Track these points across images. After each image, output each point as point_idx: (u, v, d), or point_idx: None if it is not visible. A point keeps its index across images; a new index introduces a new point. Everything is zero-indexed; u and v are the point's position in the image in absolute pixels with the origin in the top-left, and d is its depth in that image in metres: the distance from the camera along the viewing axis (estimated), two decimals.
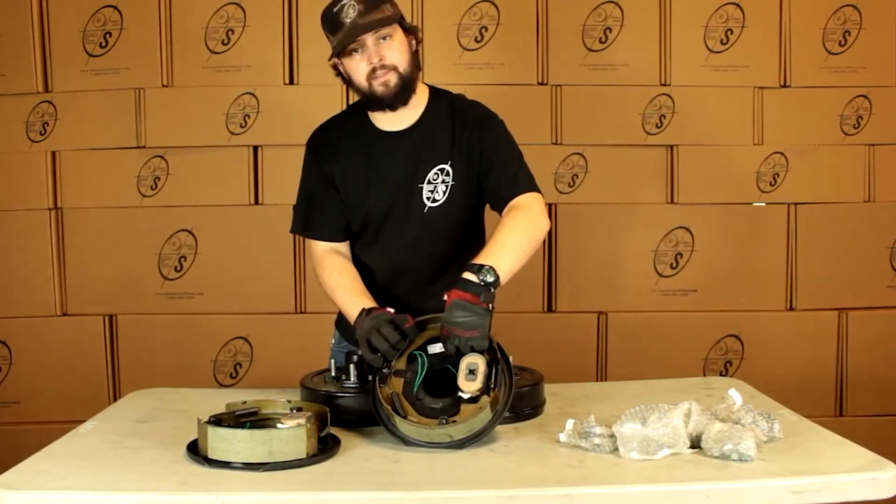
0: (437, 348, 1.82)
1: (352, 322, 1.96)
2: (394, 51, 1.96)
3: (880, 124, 3.05)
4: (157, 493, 1.52)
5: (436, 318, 1.84)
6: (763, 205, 3.06)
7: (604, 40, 3.01)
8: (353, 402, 1.88)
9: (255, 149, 3.00)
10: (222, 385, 3.00)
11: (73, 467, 1.64)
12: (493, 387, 1.74)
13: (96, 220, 3.00)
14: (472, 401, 1.74)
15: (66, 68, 2.97)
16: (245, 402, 1.82)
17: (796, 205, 3.05)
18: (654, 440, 1.65)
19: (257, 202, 3.01)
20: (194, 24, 2.95)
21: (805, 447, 1.71)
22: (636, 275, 3.04)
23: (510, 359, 1.79)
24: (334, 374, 1.99)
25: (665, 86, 3.02)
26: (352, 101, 2.93)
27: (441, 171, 2.04)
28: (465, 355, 1.75)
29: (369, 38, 1.93)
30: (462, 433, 1.72)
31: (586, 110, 3.00)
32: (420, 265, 2.10)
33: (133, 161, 2.99)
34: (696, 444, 1.68)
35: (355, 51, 1.96)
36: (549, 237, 3.02)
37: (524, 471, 1.61)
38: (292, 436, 1.64)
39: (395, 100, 1.99)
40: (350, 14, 1.91)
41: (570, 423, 1.76)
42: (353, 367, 1.97)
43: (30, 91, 2.97)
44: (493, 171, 2.02)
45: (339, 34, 1.93)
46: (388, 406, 1.77)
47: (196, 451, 1.69)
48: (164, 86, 2.97)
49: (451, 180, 2.03)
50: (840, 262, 3.06)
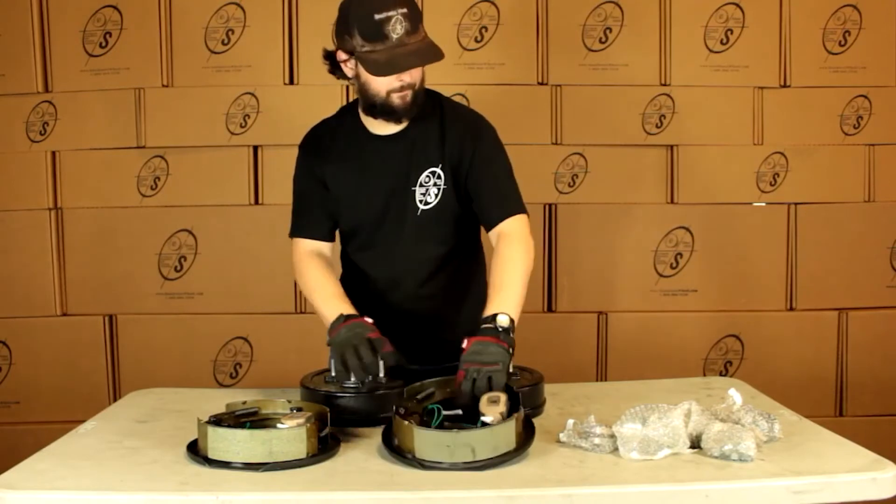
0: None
1: (327, 326, 1.96)
2: (420, 70, 1.97)
3: (880, 124, 3.05)
4: (157, 493, 1.52)
5: (448, 379, 1.82)
6: (763, 205, 3.06)
7: (604, 40, 3.01)
8: (353, 402, 1.88)
9: (255, 149, 3.00)
10: (222, 385, 3.00)
11: (73, 467, 1.64)
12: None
13: (96, 220, 3.00)
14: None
15: (66, 68, 2.97)
16: (245, 403, 1.82)
17: (796, 205, 3.05)
18: (653, 440, 1.65)
19: (257, 202, 3.01)
20: (194, 24, 2.95)
21: (805, 447, 1.71)
22: (636, 275, 3.04)
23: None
24: (334, 374, 1.99)
25: (665, 86, 3.02)
26: (352, 100, 2.96)
27: (433, 174, 2.03)
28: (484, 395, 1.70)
29: None
30: (486, 451, 1.61)
31: (586, 110, 3.00)
32: (416, 267, 2.10)
33: (133, 161, 2.99)
34: (696, 444, 1.68)
35: None
36: (549, 237, 3.03)
37: (524, 471, 1.61)
38: (292, 436, 1.63)
39: (409, 114, 1.99)
40: (398, 30, 1.85)
41: (570, 423, 1.76)
42: None
43: (30, 91, 2.97)
44: (483, 185, 2.02)
45: (380, 46, 1.87)
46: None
47: (196, 451, 1.68)
48: (164, 86, 2.97)
49: (444, 183, 2.03)
50: (840, 262, 3.06)
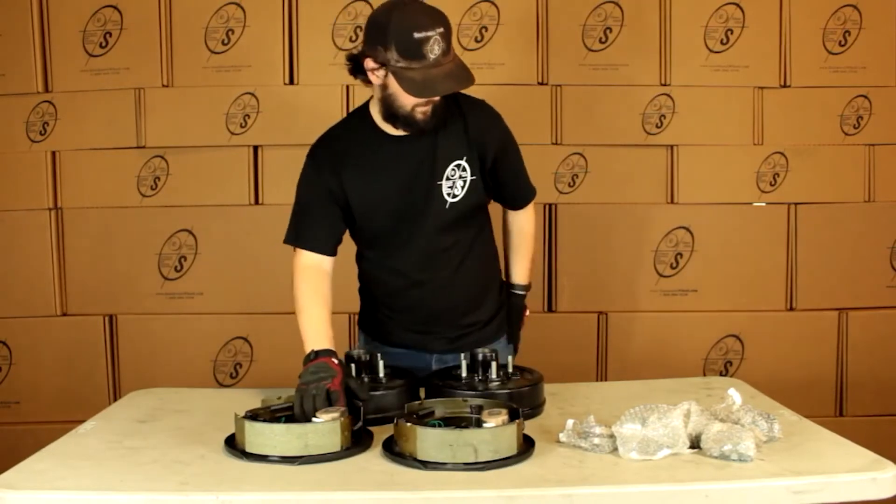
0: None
1: (305, 348, 1.95)
2: None
3: (880, 124, 3.05)
4: (157, 493, 1.53)
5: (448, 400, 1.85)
6: (763, 205, 3.06)
7: (604, 40, 3.01)
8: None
9: (255, 149, 3.00)
10: (222, 385, 3.00)
11: (73, 467, 1.64)
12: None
13: (96, 220, 3.00)
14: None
15: (66, 68, 2.96)
16: (280, 398, 1.85)
17: (796, 205, 3.05)
18: (653, 440, 1.65)
19: (257, 202, 3.01)
20: (194, 24, 2.95)
21: (805, 447, 1.71)
22: (636, 275, 3.04)
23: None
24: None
25: (665, 86, 3.02)
26: (352, 104, 2.96)
27: (458, 166, 2.05)
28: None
29: None
30: (488, 452, 1.62)
31: (586, 110, 3.00)
32: (447, 259, 2.11)
33: (133, 161, 2.99)
34: (695, 444, 1.68)
35: None
36: (549, 237, 3.03)
37: (524, 471, 1.61)
38: (327, 429, 1.67)
39: (429, 126, 1.99)
40: (435, 50, 1.85)
41: (569, 423, 1.76)
42: (352, 366, 1.97)
43: (30, 91, 2.96)
44: (508, 175, 2.17)
45: (416, 64, 1.85)
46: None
47: (234, 445, 1.71)
48: (164, 86, 2.97)
49: (470, 175, 2.06)
50: (840, 262, 3.06)
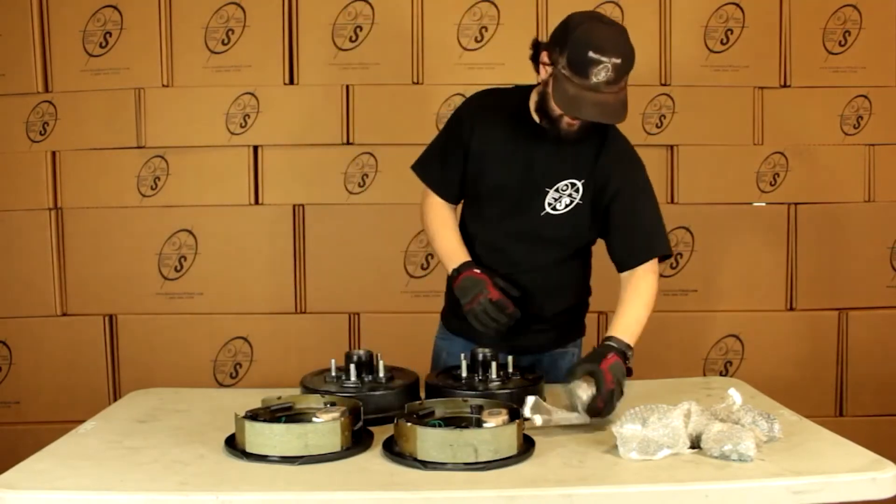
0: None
1: (444, 260, 2.11)
2: None
3: (880, 124, 3.05)
4: (157, 493, 1.52)
5: (448, 400, 1.86)
6: (763, 205, 3.06)
7: None
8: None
9: (255, 149, 3.00)
10: (222, 385, 3.00)
11: (73, 467, 1.64)
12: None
13: (96, 220, 3.00)
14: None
15: (66, 68, 2.97)
16: (280, 398, 1.85)
17: (796, 205, 3.05)
18: (653, 441, 1.65)
19: (257, 202, 3.01)
20: (194, 24, 2.95)
21: (805, 447, 1.71)
22: None
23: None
24: (334, 373, 1.99)
25: (665, 86, 3.02)
26: (352, 104, 2.97)
27: (571, 185, 2.04)
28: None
29: None
30: (488, 452, 1.62)
31: None
32: (521, 252, 2.12)
33: (133, 161, 2.99)
34: (695, 444, 1.68)
35: None
36: None
37: (524, 471, 1.61)
38: (327, 429, 1.67)
39: (568, 141, 1.98)
40: (601, 76, 1.83)
41: (531, 400, 1.77)
42: (353, 367, 1.97)
43: (30, 91, 2.97)
44: (632, 222, 2.04)
45: (577, 80, 1.84)
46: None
47: (234, 445, 1.71)
48: (164, 86, 2.97)
49: (580, 199, 2.05)
50: (840, 262, 3.06)
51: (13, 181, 3.00)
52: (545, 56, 1.93)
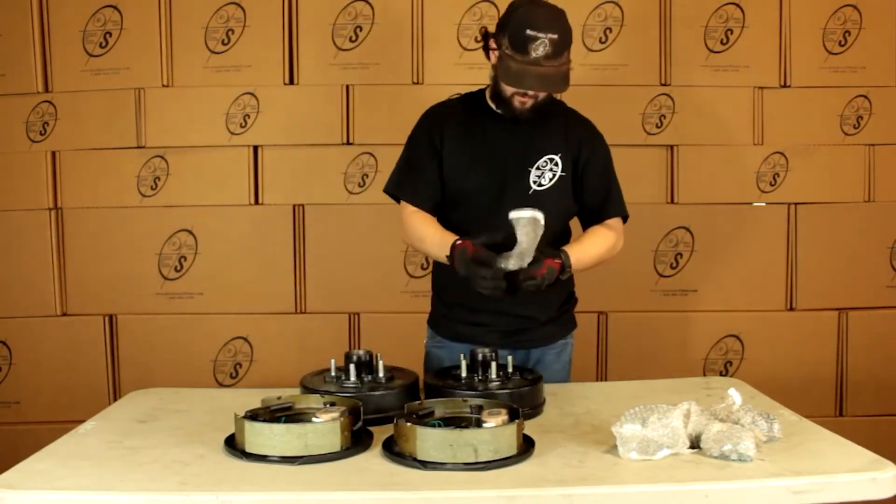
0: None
1: (439, 249, 2.11)
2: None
3: (880, 124, 3.05)
4: (157, 493, 1.52)
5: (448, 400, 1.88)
6: (763, 205, 3.06)
7: (605, 40, 3.01)
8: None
9: (255, 149, 3.00)
10: (222, 385, 3.00)
11: (73, 467, 1.64)
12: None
13: (96, 220, 3.00)
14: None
15: (66, 68, 2.97)
16: (280, 398, 1.85)
17: (796, 205, 3.05)
18: (653, 441, 1.65)
19: (257, 202, 3.01)
20: (194, 24, 2.95)
21: (805, 447, 1.71)
22: (636, 275, 3.04)
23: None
24: (334, 373, 1.99)
25: (665, 86, 3.02)
26: (352, 104, 2.97)
27: (550, 160, 2.19)
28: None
29: None
30: (488, 452, 1.63)
31: (586, 110, 2.99)
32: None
33: (133, 161, 2.99)
34: (695, 444, 1.68)
35: None
36: None
37: (524, 471, 1.61)
38: (327, 429, 1.67)
39: (524, 118, 2.13)
40: (539, 51, 1.99)
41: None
42: (352, 367, 1.97)
43: (30, 91, 2.97)
44: (602, 186, 2.23)
45: (519, 57, 2.00)
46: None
47: (234, 445, 1.71)
48: (164, 86, 2.97)
49: (561, 171, 2.19)
50: (840, 262, 3.06)
51: (13, 181, 3.00)
52: (493, 42, 2.10)
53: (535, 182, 2.17)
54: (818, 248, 3.05)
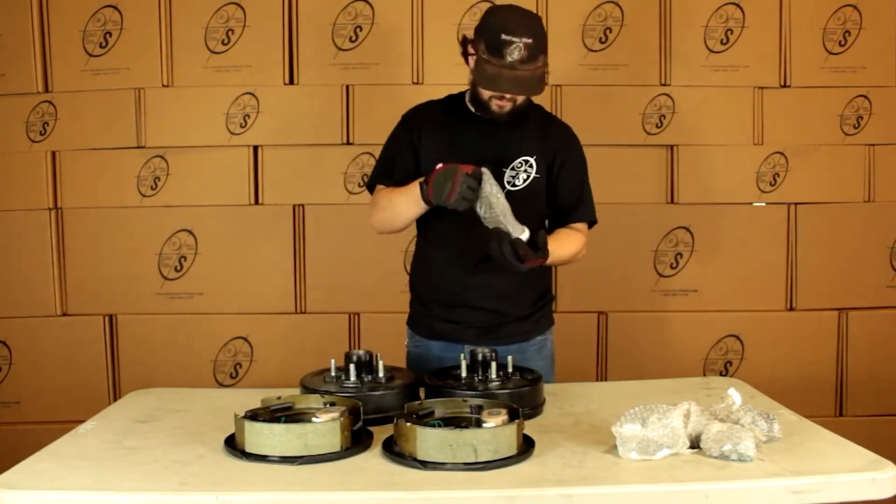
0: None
1: (413, 199, 2.10)
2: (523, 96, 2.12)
3: (880, 124, 3.05)
4: (157, 493, 1.52)
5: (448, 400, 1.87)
6: (763, 205, 3.06)
7: (604, 40, 3.01)
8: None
9: (255, 149, 3.00)
10: (222, 385, 3.00)
11: (73, 467, 1.64)
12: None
13: (96, 220, 3.00)
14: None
15: (66, 68, 2.97)
16: (279, 398, 1.85)
17: (796, 205, 3.05)
18: (653, 441, 1.65)
19: (257, 202, 3.01)
20: (194, 24, 2.95)
21: (805, 447, 1.71)
22: (636, 275, 3.04)
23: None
24: (334, 373, 1.99)
25: (665, 86, 3.02)
26: (352, 104, 2.97)
27: (525, 161, 2.20)
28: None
29: None
30: (488, 452, 1.63)
31: (586, 110, 3.00)
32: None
33: (133, 161, 2.99)
34: (695, 444, 1.68)
35: None
36: None
37: (524, 471, 1.61)
38: (327, 429, 1.67)
39: (502, 120, 2.15)
40: (514, 55, 2.00)
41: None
42: (352, 367, 1.97)
43: (30, 91, 2.97)
44: (574, 188, 2.24)
45: (495, 61, 2.01)
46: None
47: (234, 445, 1.71)
48: (164, 86, 2.97)
49: (535, 172, 2.20)
50: (840, 262, 3.06)
51: (13, 181, 3.00)
52: (470, 47, 2.11)
53: (509, 182, 2.18)
54: (818, 248, 3.05)
